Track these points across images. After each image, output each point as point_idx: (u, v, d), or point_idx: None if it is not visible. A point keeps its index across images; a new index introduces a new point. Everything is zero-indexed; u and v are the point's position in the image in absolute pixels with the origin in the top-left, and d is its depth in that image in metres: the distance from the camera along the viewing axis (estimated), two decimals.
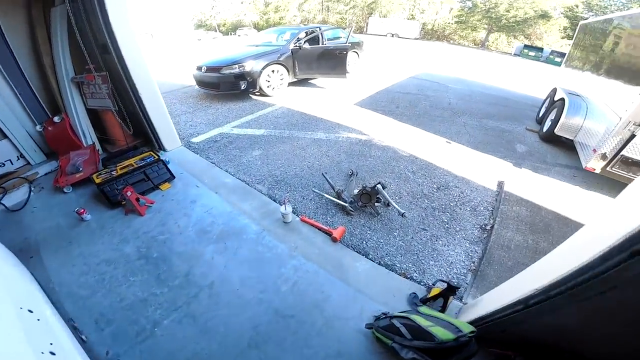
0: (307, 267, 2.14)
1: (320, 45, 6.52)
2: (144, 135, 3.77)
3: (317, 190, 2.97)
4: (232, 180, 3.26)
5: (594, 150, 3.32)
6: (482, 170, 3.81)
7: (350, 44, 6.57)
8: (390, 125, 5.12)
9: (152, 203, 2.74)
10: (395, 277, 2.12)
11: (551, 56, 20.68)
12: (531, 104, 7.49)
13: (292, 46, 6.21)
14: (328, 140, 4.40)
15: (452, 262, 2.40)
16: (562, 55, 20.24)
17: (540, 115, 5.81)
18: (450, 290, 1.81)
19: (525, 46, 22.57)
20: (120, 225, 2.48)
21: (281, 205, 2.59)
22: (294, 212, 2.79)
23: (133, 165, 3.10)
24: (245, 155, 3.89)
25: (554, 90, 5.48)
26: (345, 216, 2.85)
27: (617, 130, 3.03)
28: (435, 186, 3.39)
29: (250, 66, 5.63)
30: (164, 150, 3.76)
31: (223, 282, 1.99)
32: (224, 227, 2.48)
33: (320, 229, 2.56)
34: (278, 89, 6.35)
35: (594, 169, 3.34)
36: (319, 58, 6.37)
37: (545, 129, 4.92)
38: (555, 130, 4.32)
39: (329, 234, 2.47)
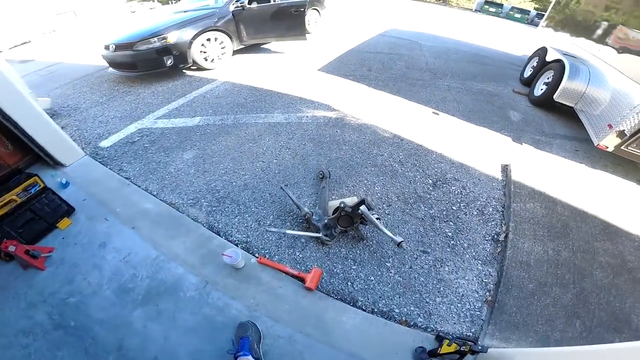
0: (277, 331, 1.60)
1: (272, 3, 5.24)
2: (32, 150, 2.54)
3: (273, 229, 2.09)
4: (154, 204, 2.27)
5: (610, 126, 2.83)
6: (481, 149, 3.17)
7: (308, 0, 5.33)
8: (364, 95, 4.21)
9: (50, 251, 1.96)
10: (395, 328, 1.65)
11: (511, 12, 21.07)
12: (509, 61, 7.02)
13: (232, 7, 4.96)
14: (288, 123, 3.40)
15: (463, 295, 1.86)
16: (522, 11, 20.57)
17: (526, 76, 5.31)
18: (471, 352, 1.44)
19: (486, 2, 22.16)
20: (21, 284, 1.83)
21: (223, 255, 1.74)
22: (247, 251, 1.97)
23: (15, 201, 2.08)
24: (174, 161, 2.80)
25: (543, 50, 4.89)
26: (320, 247, 2.04)
27: None
28: (430, 181, 2.65)
29: (174, 37, 4.34)
30: (62, 165, 2.59)
31: (169, 358, 1.50)
32: (150, 282, 1.79)
33: (287, 273, 1.83)
34: (220, 60, 5.09)
35: (607, 147, 2.86)
36: (271, 19, 5.20)
37: (538, 93, 4.38)
38: (554, 97, 3.76)
39: (300, 279, 1.79)
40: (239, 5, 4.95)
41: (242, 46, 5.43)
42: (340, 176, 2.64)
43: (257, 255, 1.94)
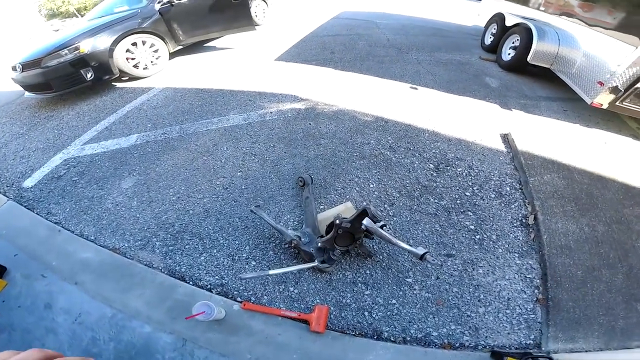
0: None
1: None
2: None
3: (249, 275, 1.52)
4: (94, 252, 1.80)
5: (600, 84, 2.70)
6: (473, 120, 2.85)
7: None
8: (333, 79, 3.73)
9: None
10: (439, 355, 1.35)
11: None
12: (464, 32, 7.01)
13: (158, 6, 4.24)
14: (249, 124, 2.81)
15: (509, 299, 1.54)
16: None
17: (488, 43, 5.25)
18: None
19: None
20: None
21: (188, 318, 1.26)
22: (226, 296, 1.55)
23: None
24: (110, 194, 2.17)
25: (500, 16, 4.80)
26: (318, 275, 1.56)
27: (634, 61, 2.44)
28: (431, 166, 2.23)
29: (88, 46, 3.65)
30: None
31: None
32: (116, 345, 1.50)
33: (283, 317, 1.43)
34: (155, 66, 4.37)
35: (601, 104, 2.74)
36: (210, 11, 4.56)
37: (507, 58, 4.27)
38: (528, 59, 3.64)
39: (302, 322, 1.42)
40: (166, 1, 4.23)
41: (181, 47, 4.73)
42: (324, 178, 2.13)
43: (239, 299, 1.51)
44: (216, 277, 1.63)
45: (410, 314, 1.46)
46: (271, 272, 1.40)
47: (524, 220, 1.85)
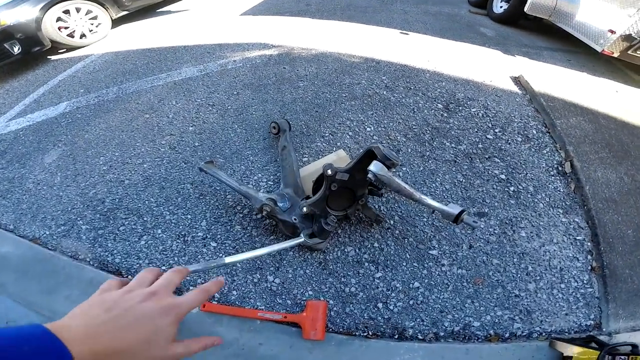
0: None
1: None
2: None
3: (192, 268, 0.83)
4: (13, 244, 1.43)
5: (611, 32, 2.51)
6: (477, 63, 2.47)
7: None
8: (311, 27, 3.21)
9: None
10: (484, 351, 1.01)
11: None
12: None
13: None
14: (205, 75, 2.23)
15: (561, 269, 1.19)
16: None
17: None
18: None
19: None
20: None
21: None
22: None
23: None
24: (32, 172, 1.73)
25: None
26: (306, 255, 1.12)
27: None
28: (440, 106, 1.81)
29: (10, 18, 3.23)
30: None
31: None
32: None
33: (261, 319, 1.01)
34: (95, 34, 3.79)
35: (612, 53, 2.57)
36: None
37: (499, 11, 3.97)
38: (525, 10, 3.38)
39: (292, 325, 1.02)
40: None
41: (126, 12, 4.08)
42: (306, 123, 1.64)
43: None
44: (163, 267, 1.15)
45: (440, 301, 1.10)
46: (227, 260, 0.86)
47: (560, 168, 1.48)
